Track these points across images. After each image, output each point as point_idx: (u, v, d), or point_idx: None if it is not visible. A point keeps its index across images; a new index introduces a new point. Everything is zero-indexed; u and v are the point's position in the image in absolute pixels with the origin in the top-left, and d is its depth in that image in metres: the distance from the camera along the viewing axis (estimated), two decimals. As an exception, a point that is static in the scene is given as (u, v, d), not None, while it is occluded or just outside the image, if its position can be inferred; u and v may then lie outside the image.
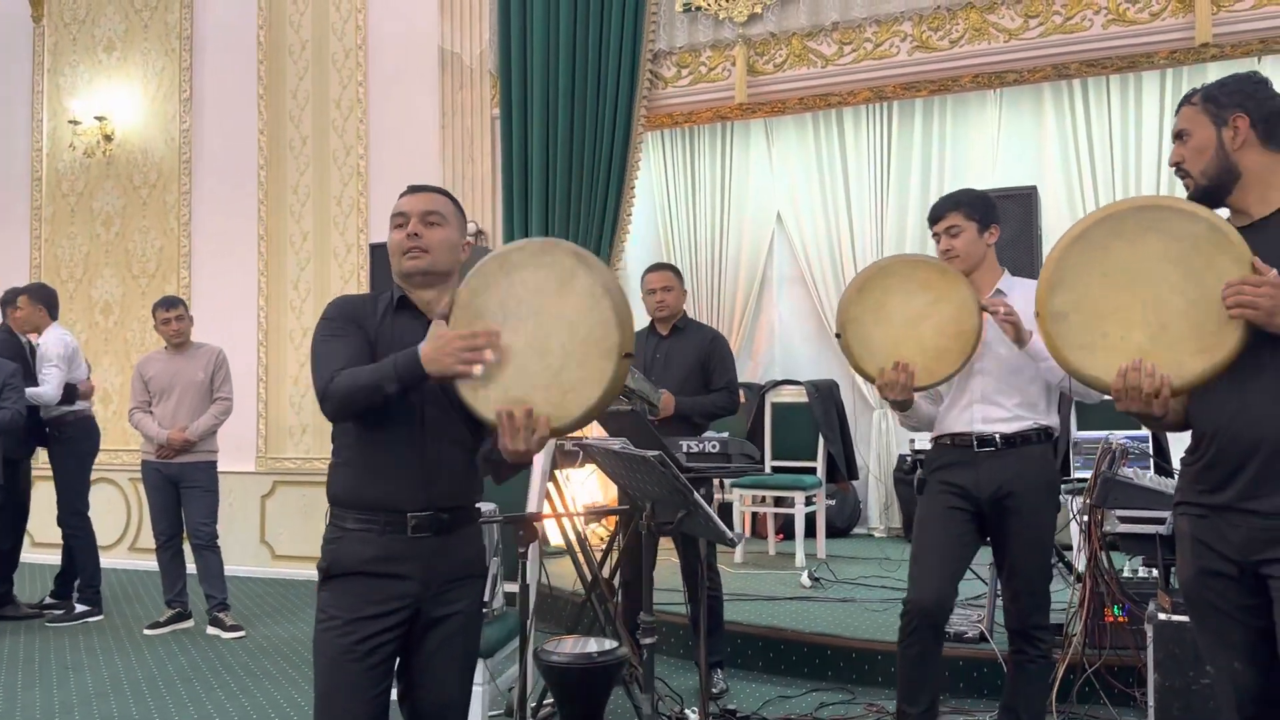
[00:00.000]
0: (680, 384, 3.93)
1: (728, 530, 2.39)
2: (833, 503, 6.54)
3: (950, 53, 5.29)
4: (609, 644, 2.90)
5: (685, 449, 3.39)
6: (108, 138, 7.33)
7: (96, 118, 7.28)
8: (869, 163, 7.01)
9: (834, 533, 6.46)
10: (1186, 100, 2.04)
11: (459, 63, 6.37)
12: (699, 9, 5.75)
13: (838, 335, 2.77)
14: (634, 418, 3.01)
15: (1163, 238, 1.84)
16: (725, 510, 6.16)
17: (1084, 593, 3.38)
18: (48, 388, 5.33)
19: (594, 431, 3.96)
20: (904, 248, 6.80)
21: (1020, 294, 2.84)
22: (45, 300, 5.69)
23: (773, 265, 7.39)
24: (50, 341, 5.49)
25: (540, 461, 3.24)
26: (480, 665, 2.87)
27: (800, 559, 5.64)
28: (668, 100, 5.90)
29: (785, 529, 6.16)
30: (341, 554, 2.05)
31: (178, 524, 5.21)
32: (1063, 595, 3.51)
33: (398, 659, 2.09)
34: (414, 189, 2.16)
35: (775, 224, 7.35)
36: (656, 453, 2.34)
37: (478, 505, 2.20)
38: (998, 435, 2.83)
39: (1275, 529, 1.85)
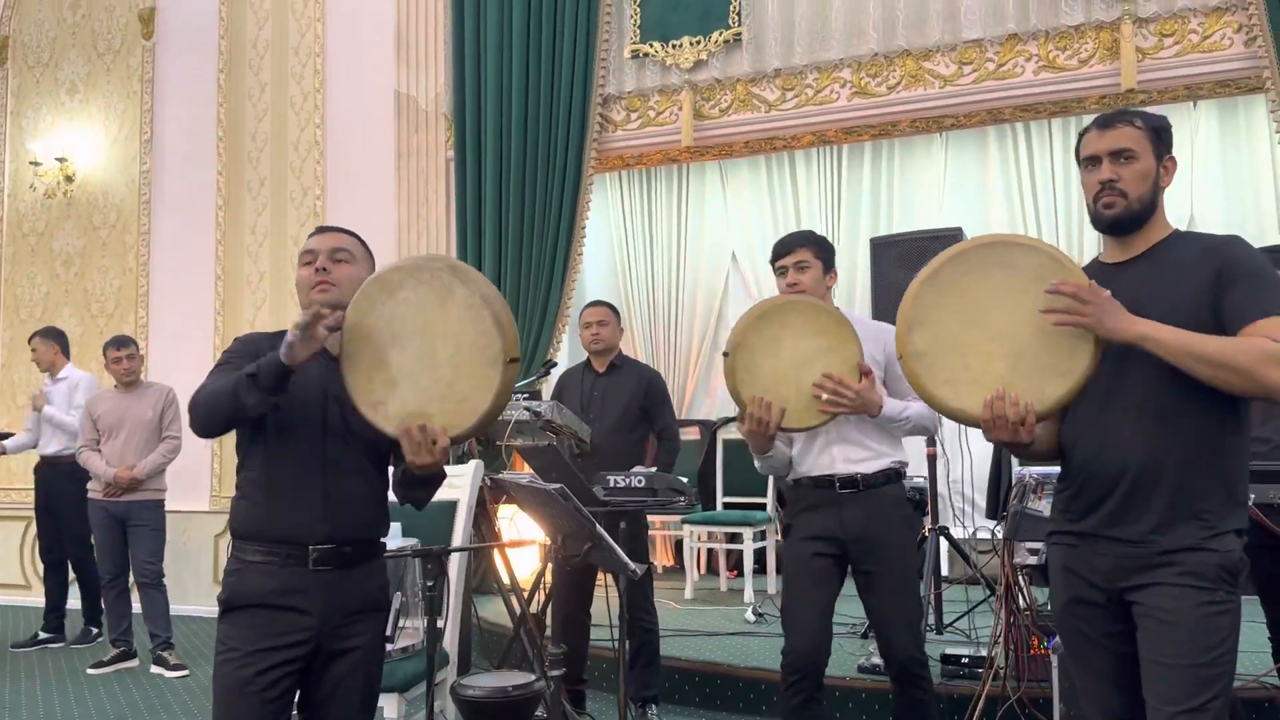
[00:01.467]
0: (617, 421, 4.01)
1: (630, 563, 2.45)
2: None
3: (888, 98, 5.44)
4: (527, 678, 2.93)
5: (611, 483, 3.45)
6: (69, 179, 7.39)
7: (57, 159, 7.35)
8: (820, 204, 7.16)
9: (788, 569, 6.50)
10: (1125, 120, 2.01)
11: (414, 106, 6.49)
12: (647, 55, 5.89)
13: (726, 354, 2.70)
14: (550, 452, 3.07)
15: (1008, 271, 1.93)
16: (678, 546, 6.20)
17: (1004, 625, 3.44)
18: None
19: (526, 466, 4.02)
20: (854, 288, 6.92)
21: (874, 338, 2.85)
22: (59, 339, 5.91)
23: (728, 303, 7.49)
24: (83, 382, 5.79)
25: (465, 497, 3.29)
26: (396, 700, 2.91)
27: (749, 594, 5.68)
28: (617, 143, 6.02)
29: (739, 565, 6.20)
30: (242, 586, 2.09)
31: (124, 563, 5.21)
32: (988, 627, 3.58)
33: (298, 692, 2.13)
34: (322, 229, 2.23)
35: (730, 263, 7.46)
36: (558, 486, 2.40)
37: (382, 540, 2.25)
38: (859, 476, 2.85)
39: (1139, 555, 1.93)
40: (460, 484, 3.33)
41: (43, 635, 5.83)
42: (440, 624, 2.63)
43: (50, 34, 7.57)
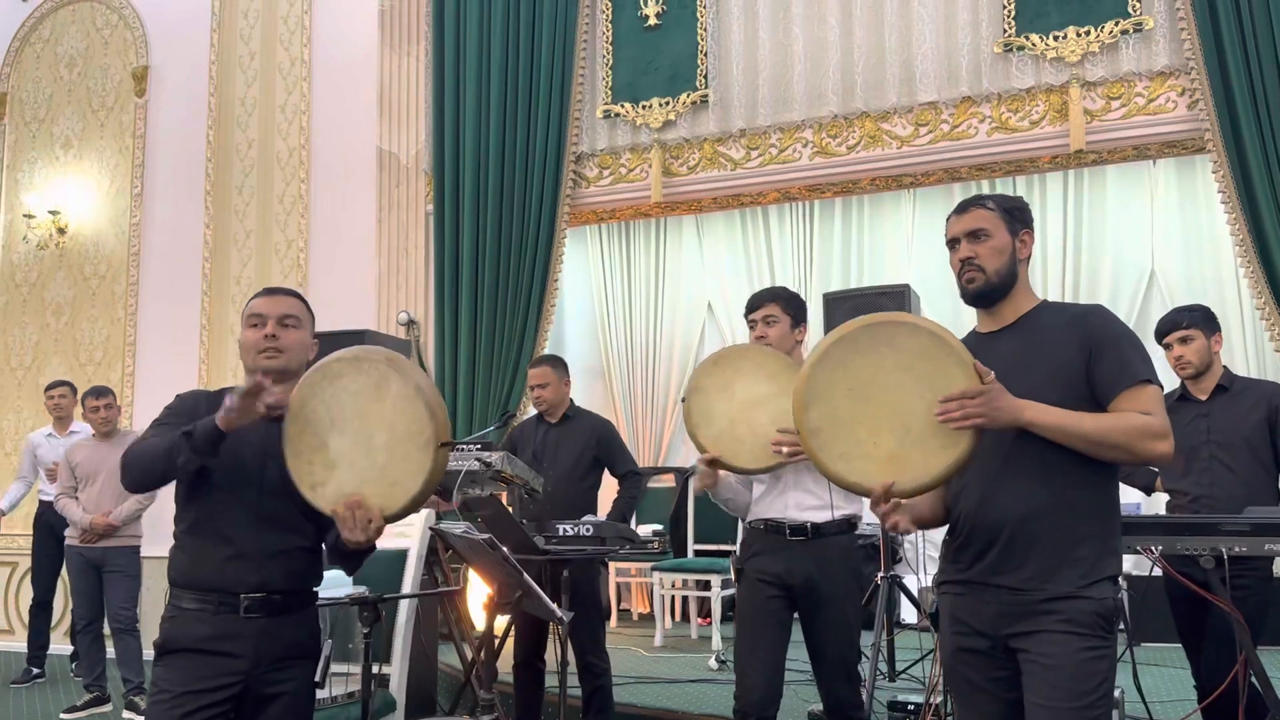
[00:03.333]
0: (570, 469, 4.13)
1: (556, 609, 2.56)
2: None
3: (848, 158, 5.63)
4: (468, 721, 3.03)
5: (561, 531, 3.56)
6: (61, 230, 7.58)
7: (51, 211, 7.55)
8: (793, 257, 7.32)
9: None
10: (978, 204, 2.21)
11: (395, 162, 6.69)
12: (618, 115, 6.10)
13: (683, 399, 2.91)
14: (492, 502, 3.19)
15: (893, 350, 2.04)
16: (634, 590, 6.25)
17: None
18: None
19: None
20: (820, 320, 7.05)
21: None
22: (74, 390, 6.08)
23: (704, 352, 7.60)
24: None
25: (415, 545, 3.40)
26: (340, 743, 3.00)
27: (716, 642, 5.75)
28: (590, 199, 6.21)
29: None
30: (175, 632, 2.20)
31: (98, 608, 5.30)
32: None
33: None
34: (270, 291, 2.35)
35: (706, 314, 7.61)
36: (487, 536, 2.52)
37: (314, 590, 2.36)
38: (809, 524, 2.96)
39: (1021, 603, 2.04)
40: (410, 533, 3.44)
41: (36, 671, 6.11)
42: (381, 670, 2.74)
43: (47, 91, 7.82)
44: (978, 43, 5.37)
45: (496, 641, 3.80)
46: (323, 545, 2.35)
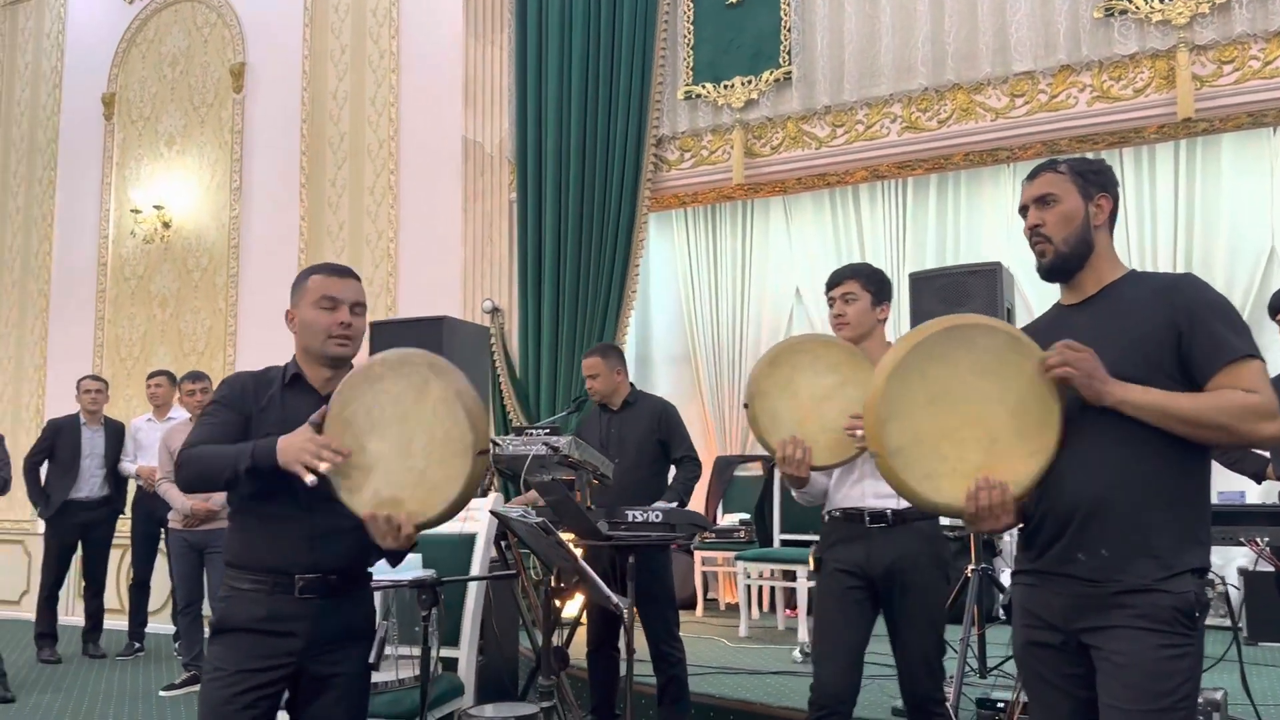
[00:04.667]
0: (636, 455, 4.07)
1: (613, 596, 2.49)
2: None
3: (939, 132, 5.40)
4: (530, 710, 3.00)
5: (630, 518, 3.49)
6: (166, 225, 7.87)
7: (155, 206, 7.84)
8: (885, 237, 7.10)
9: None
10: (1048, 167, 2.07)
11: (480, 151, 6.72)
12: (699, 96, 5.99)
13: (746, 405, 2.82)
14: (556, 487, 3.15)
15: (971, 354, 1.90)
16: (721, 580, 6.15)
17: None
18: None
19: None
20: (921, 322, 6.82)
21: None
22: (174, 382, 6.40)
23: (793, 339, 7.46)
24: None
25: (484, 530, 3.38)
26: (403, 726, 2.99)
27: (802, 634, 5.62)
28: (671, 182, 6.12)
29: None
30: (231, 612, 2.21)
31: (198, 590, 5.47)
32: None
33: (286, 715, 2.23)
34: (339, 271, 2.30)
35: (794, 299, 7.45)
36: (540, 520, 2.47)
37: (368, 571, 2.35)
38: (889, 511, 2.84)
39: (1092, 595, 1.89)
40: (480, 517, 3.43)
41: (138, 645, 6.48)
42: (437, 654, 2.72)
43: (151, 90, 8.11)
44: (1076, 8, 5.08)
45: (568, 629, 3.76)
46: None
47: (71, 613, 7.27)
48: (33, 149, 8.67)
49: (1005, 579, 4.86)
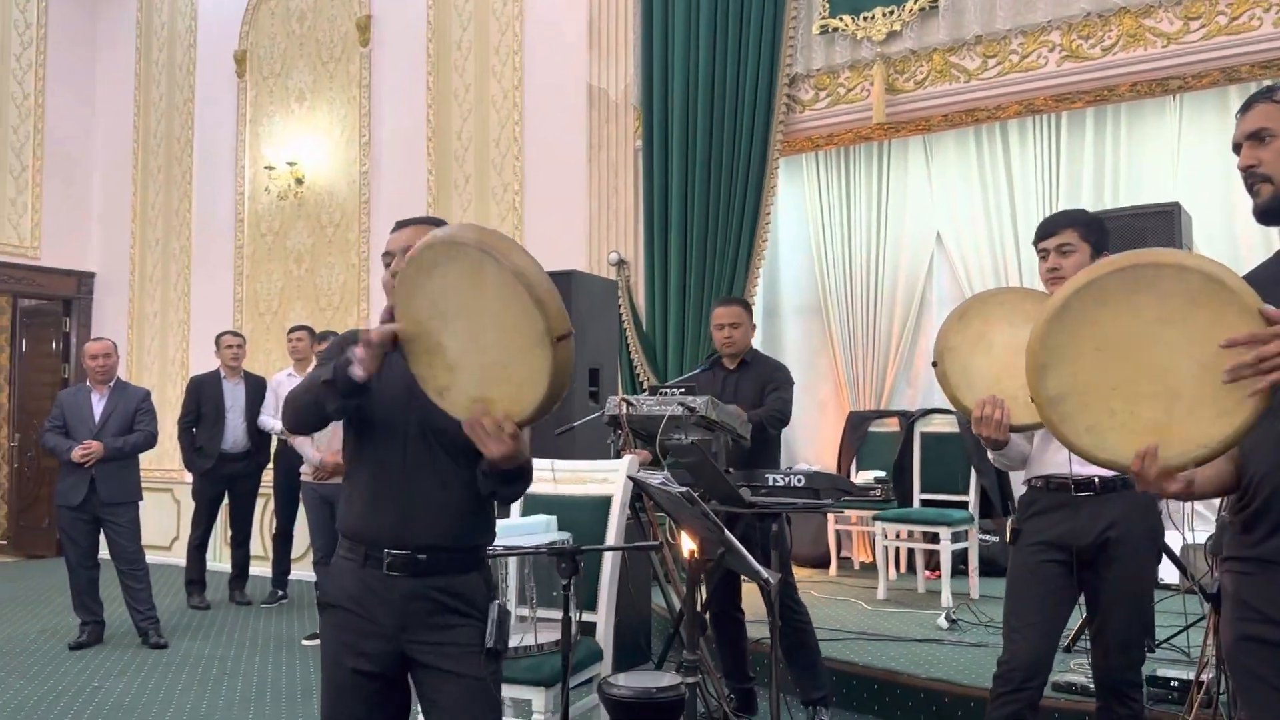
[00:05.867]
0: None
1: (762, 570, 2.32)
2: (994, 539, 6.18)
3: (1103, 61, 4.95)
4: (674, 680, 2.86)
5: (770, 482, 3.31)
6: (298, 181, 7.97)
7: (288, 163, 7.94)
8: (1036, 177, 6.61)
9: (996, 571, 6.09)
10: (1264, 98, 1.79)
11: (605, 98, 6.53)
12: (836, 30, 5.65)
13: (934, 364, 2.60)
14: (695, 451, 2.98)
15: (1154, 297, 1.62)
16: (855, 538, 5.91)
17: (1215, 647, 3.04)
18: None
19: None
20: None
21: None
22: (314, 336, 6.51)
23: (932, 287, 7.08)
24: None
25: (619, 493, 3.25)
26: (543, 694, 2.91)
27: (946, 598, 5.37)
28: (805, 124, 5.82)
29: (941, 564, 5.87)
30: (328, 584, 2.11)
31: (334, 541, 5.54)
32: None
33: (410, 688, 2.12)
34: (399, 225, 2.17)
35: (935, 244, 7.04)
36: (684, 489, 2.30)
37: (472, 548, 2.13)
38: (1096, 478, 2.59)
39: None
40: (615, 479, 3.29)
41: (281, 593, 6.70)
42: (579, 619, 2.61)
43: (280, 46, 8.19)
44: (1266, -87, 4.54)
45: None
46: (482, 503, 2.13)
47: (219, 559, 7.56)
48: (171, 108, 8.91)
49: (1173, 542, 4.49)
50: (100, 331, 9.22)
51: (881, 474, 6.43)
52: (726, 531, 2.33)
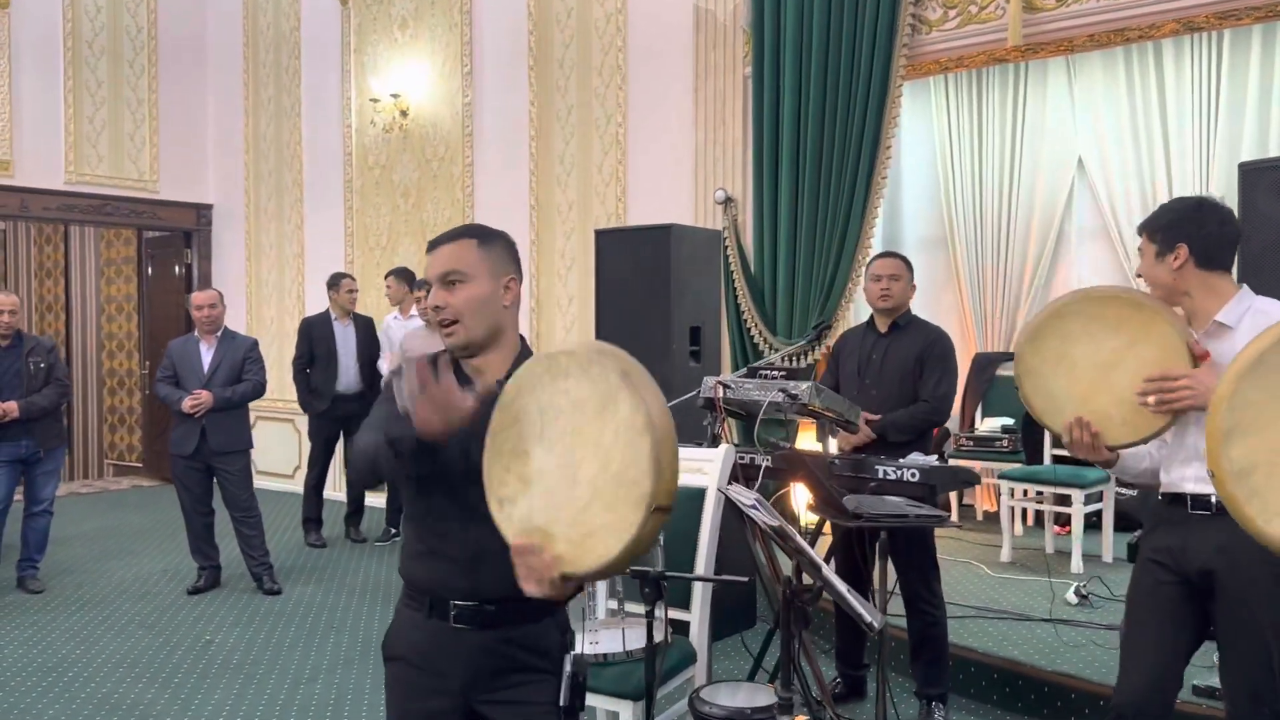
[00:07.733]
0: (898, 384, 3.56)
1: (865, 613, 2.07)
2: (1133, 493, 5.73)
3: (1283, -32, 4.28)
4: (769, 699, 2.68)
5: (881, 474, 3.03)
6: (403, 113, 7.81)
7: (393, 95, 7.79)
8: (1193, 103, 5.91)
9: (1134, 525, 5.64)
10: None
11: (713, 20, 6.10)
12: (968, -60, 5.07)
13: (1017, 387, 2.35)
14: (794, 457, 2.71)
15: None
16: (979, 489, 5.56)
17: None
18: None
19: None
20: (1232, 195, 5.70)
21: (1251, 323, 2.19)
22: (409, 279, 6.57)
23: (1071, 218, 6.50)
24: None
25: (714, 484, 3.02)
26: (630, 707, 2.76)
27: (1077, 563, 5.02)
28: (931, 46, 5.30)
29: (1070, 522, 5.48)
30: (393, 635, 1.97)
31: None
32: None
33: None
34: (436, 243, 1.91)
35: (1076, 170, 6.44)
36: (777, 524, 2.06)
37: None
38: (1212, 497, 2.25)
39: None
40: (709, 470, 3.07)
41: (394, 531, 6.76)
42: (665, 640, 2.43)
43: (382, -27, 7.96)
44: None
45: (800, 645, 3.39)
46: None
47: (338, 488, 7.71)
48: (278, 38, 8.83)
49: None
50: (220, 262, 9.40)
51: (1009, 421, 6.03)
52: (825, 568, 2.08)
